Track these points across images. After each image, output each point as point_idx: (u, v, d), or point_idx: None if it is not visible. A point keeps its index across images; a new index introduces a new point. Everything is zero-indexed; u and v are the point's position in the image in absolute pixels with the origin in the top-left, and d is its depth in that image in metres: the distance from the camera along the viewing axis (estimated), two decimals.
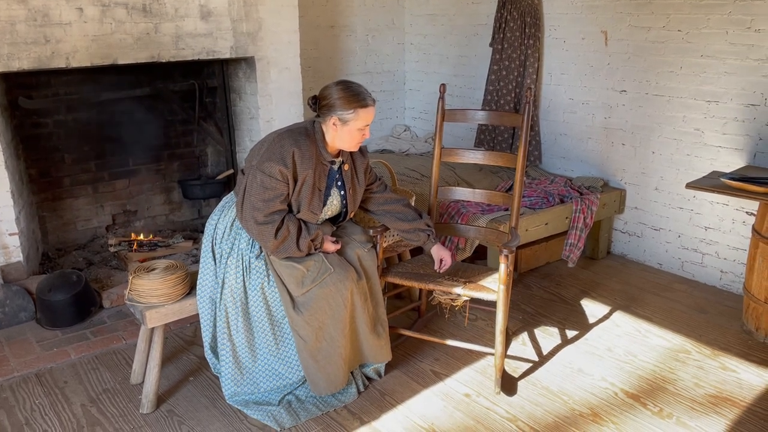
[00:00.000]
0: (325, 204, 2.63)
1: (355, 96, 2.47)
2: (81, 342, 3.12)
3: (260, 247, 2.56)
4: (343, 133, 2.50)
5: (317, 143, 2.54)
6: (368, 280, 2.68)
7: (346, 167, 2.66)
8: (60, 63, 3.31)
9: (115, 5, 3.39)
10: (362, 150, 2.73)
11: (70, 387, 2.79)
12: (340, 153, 2.63)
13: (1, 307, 3.23)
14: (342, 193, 2.67)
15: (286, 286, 2.53)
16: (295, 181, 2.49)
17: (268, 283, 2.54)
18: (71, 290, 3.25)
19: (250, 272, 2.54)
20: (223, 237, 2.59)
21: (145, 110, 4.18)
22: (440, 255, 2.86)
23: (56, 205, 4.06)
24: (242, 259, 2.55)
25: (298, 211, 2.55)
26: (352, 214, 2.78)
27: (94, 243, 4.18)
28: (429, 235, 2.83)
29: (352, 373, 2.73)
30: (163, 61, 3.62)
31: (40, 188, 3.96)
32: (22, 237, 3.46)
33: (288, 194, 2.50)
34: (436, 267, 2.87)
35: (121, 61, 3.48)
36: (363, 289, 2.63)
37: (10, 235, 3.37)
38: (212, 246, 2.61)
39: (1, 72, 3.19)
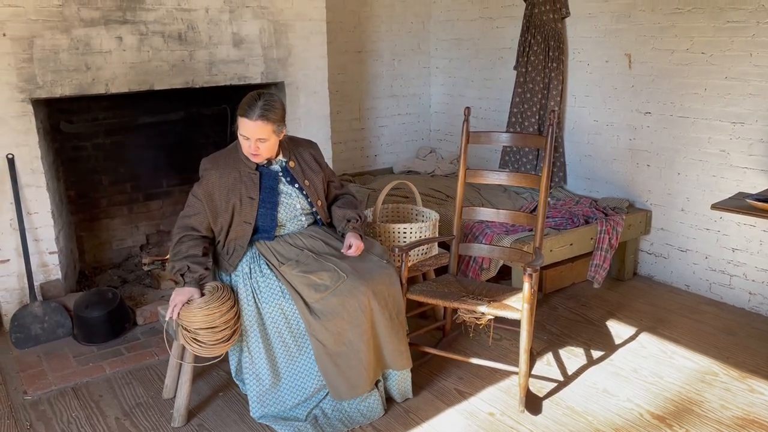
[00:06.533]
0: (278, 205, 2.70)
1: (243, 105, 2.58)
2: (116, 357, 3.22)
3: (267, 263, 2.66)
4: (240, 138, 2.62)
5: (240, 155, 2.67)
6: (388, 288, 2.68)
7: (291, 164, 2.75)
8: (100, 89, 3.46)
9: (153, 34, 3.55)
10: (302, 141, 2.88)
11: (104, 401, 2.88)
12: (278, 153, 2.73)
13: (41, 323, 3.35)
14: (297, 186, 2.76)
15: (300, 294, 2.58)
16: (213, 197, 2.63)
17: (284, 297, 2.60)
18: (107, 307, 3.36)
19: (260, 292, 2.60)
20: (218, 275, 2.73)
21: (178, 133, 4.32)
22: (350, 240, 2.74)
23: (93, 225, 4.20)
24: (249, 285, 2.62)
25: (236, 225, 2.65)
26: (320, 203, 2.84)
27: (128, 262, 4.30)
28: (349, 221, 2.83)
29: (376, 384, 2.73)
30: (197, 86, 3.77)
31: (79, 209, 4.11)
32: (61, 255, 3.59)
33: (205, 213, 2.64)
34: (343, 250, 2.73)
35: (158, 87, 3.63)
36: (381, 294, 2.64)
37: (50, 253, 3.51)
38: None
39: (44, 98, 3.35)
